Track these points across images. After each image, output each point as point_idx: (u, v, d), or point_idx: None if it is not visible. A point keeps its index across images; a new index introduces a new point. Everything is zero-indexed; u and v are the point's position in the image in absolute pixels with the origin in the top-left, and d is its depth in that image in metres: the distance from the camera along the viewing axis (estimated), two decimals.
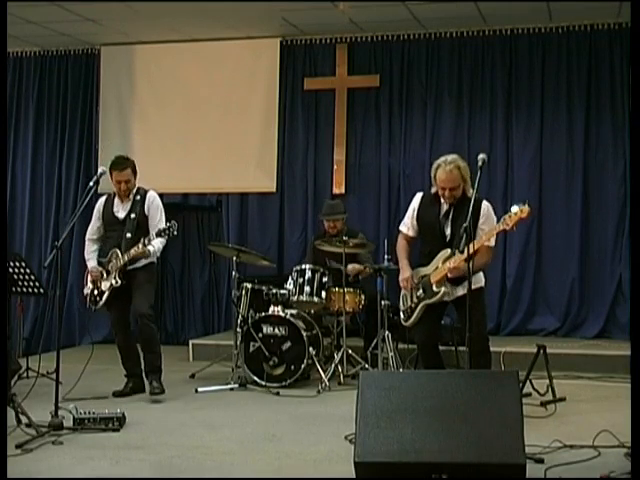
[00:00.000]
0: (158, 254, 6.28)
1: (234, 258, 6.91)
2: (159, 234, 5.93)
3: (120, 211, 6.28)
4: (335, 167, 8.80)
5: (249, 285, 6.99)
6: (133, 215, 6.20)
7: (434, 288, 5.36)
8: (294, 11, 8.00)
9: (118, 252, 6.11)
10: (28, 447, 4.67)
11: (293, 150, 8.96)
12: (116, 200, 6.33)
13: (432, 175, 5.45)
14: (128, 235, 6.14)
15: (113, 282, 6.09)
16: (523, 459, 3.80)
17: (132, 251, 5.99)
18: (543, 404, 5.73)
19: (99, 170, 5.76)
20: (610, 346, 7.56)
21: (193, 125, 8.98)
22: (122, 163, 6.23)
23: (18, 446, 4.64)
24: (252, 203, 9.04)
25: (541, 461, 4.27)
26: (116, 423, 5.12)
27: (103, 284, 6.17)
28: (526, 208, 4.96)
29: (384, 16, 8.06)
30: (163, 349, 6.15)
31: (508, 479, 3.80)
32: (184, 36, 8.85)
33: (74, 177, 9.31)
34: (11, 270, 5.36)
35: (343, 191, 8.73)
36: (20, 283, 5.42)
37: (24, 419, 5.00)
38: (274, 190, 8.92)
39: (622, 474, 3.99)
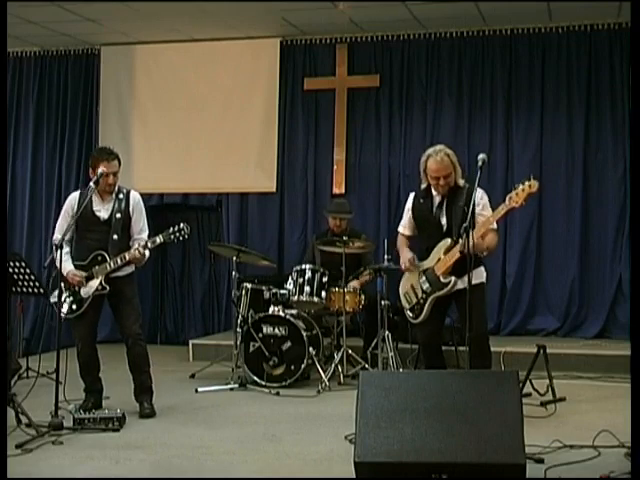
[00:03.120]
0: (144, 262, 5.72)
1: (234, 258, 6.91)
2: (167, 236, 5.47)
3: (102, 210, 5.64)
4: (335, 167, 8.80)
5: (249, 285, 6.99)
6: (119, 215, 5.62)
7: (442, 279, 5.31)
8: (294, 11, 8.00)
9: (105, 255, 5.53)
10: (28, 447, 4.67)
11: (293, 150, 8.96)
12: (95, 198, 5.66)
13: (422, 169, 5.46)
14: (115, 237, 5.57)
15: (100, 287, 5.54)
16: (523, 459, 3.80)
17: (127, 255, 5.47)
18: (543, 404, 5.73)
19: (99, 170, 5.71)
20: (610, 346, 7.56)
21: (193, 125, 8.98)
22: (112, 152, 5.66)
23: (18, 446, 4.65)
24: (252, 203, 9.04)
25: (541, 461, 4.28)
26: (116, 423, 5.13)
27: (83, 290, 5.58)
28: (534, 182, 4.93)
29: (384, 16, 8.06)
30: (163, 349, 6.14)
31: (508, 479, 3.80)
32: (184, 36, 8.85)
33: (74, 177, 9.31)
34: (11, 270, 5.35)
35: (343, 191, 8.73)
36: (20, 283, 5.41)
37: (24, 419, 5.01)
38: (274, 190, 8.92)
39: (622, 474, 3.99)
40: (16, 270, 5.37)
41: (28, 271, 5.39)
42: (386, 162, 8.73)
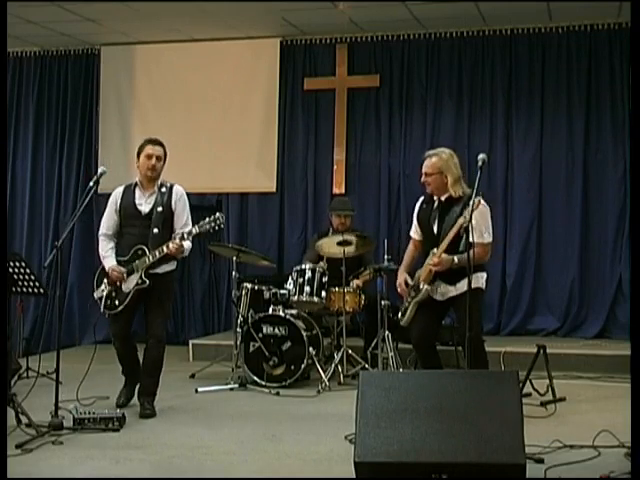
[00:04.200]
0: (187, 253, 5.72)
1: (234, 258, 6.92)
2: (202, 227, 5.44)
3: (144, 204, 5.63)
4: (335, 167, 8.80)
5: (249, 285, 6.99)
6: (160, 209, 5.59)
7: (420, 285, 5.44)
8: (294, 11, 8.00)
9: (145, 249, 5.50)
10: (28, 447, 4.67)
11: (293, 150, 8.96)
12: (138, 192, 5.68)
13: None
14: (155, 230, 5.53)
15: (139, 282, 5.51)
16: (523, 459, 3.79)
17: (165, 247, 5.42)
18: (543, 404, 5.73)
19: (99, 170, 5.63)
20: (610, 346, 7.55)
21: (193, 125, 8.98)
22: (156, 140, 5.72)
23: (18, 446, 4.64)
24: (252, 203, 9.04)
25: (541, 461, 4.28)
26: (116, 423, 5.12)
27: (124, 285, 5.57)
28: (476, 200, 5.01)
29: (384, 16, 8.06)
30: None
31: (508, 479, 3.80)
32: (184, 36, 8.85)
33: (74, 177, 9.31)
34: (11, 270, 5.35)
35: (343, 191, 8.72)
36: (20, 283, 5.42)
37: (24, 419, 5.00)
38: (274, 190, 8.92)
39: (622, 474, 3.99)
40: (16, 270, 5.37)
41: (28, 271, 5.39)
42: (386, 162, 8.72)
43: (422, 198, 5.72)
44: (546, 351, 6.01)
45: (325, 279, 6.94)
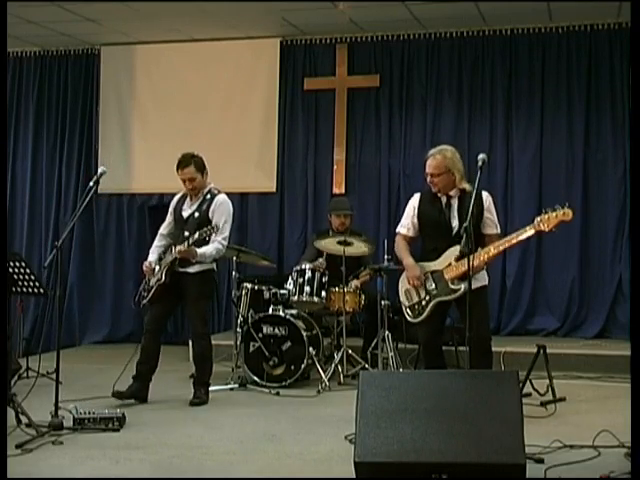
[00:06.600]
0: (209, 259, 5.94)
1: (234, 258, 6.92)
2: (201, 235, 5.71)
3: (187, 209, 6.07)
4: (335, 167, 8.81)
5: (249, 285, 6.99)
6: (197, 214, 5.99)
7: (451, 285, 5.31)
8: (294, 11, 8.01)
9: (173, 249, 5.89)
10: (28, 447, 4.66)
11: (293, 150, 8.96)
12: (187, 199, 6.14)
13: None
14: (186, 234, 5.88)
15: (158, 276, 5.90)
16: (523, 459, 3.79)
17: (177, 249, 5.78)
18: (543, 404, 5.73)
19: (99, 170, 5.68)
20: (610, 346, 7.56)
21: (193, 125, 8.97)
22: (183, 161, 6.01)
23: (18, 446, 4.64)
24: (252, 203, 9.04)
25: (541, 461, 4.27)
26: (116, 423, 5.12)
27: (152, 280, 6.00)
28: (569, 211, 5.01)
29: (384, 16, 8.07)
30: (163, 349, 6.13)
31: (508, 479, 3.80)
32: (184, 36, 8.85)
33: (74, 177, 9.32)
34: (11, 270, 5.34)
35: (343, 191, 8.73)
36: (20, 283, 5.41)
37: (24, 419, 5.00)
38: (274, 190, 8.92)
39: (622, 474, 3.99)
40: (16, 270, 5.37)
41: (28, 271, 5.39)
42: (386, 162, 8.73)
43: (419, 195, 5.64)
44: (546, 351, 6.01)
45: (325, 279, 6.93)
